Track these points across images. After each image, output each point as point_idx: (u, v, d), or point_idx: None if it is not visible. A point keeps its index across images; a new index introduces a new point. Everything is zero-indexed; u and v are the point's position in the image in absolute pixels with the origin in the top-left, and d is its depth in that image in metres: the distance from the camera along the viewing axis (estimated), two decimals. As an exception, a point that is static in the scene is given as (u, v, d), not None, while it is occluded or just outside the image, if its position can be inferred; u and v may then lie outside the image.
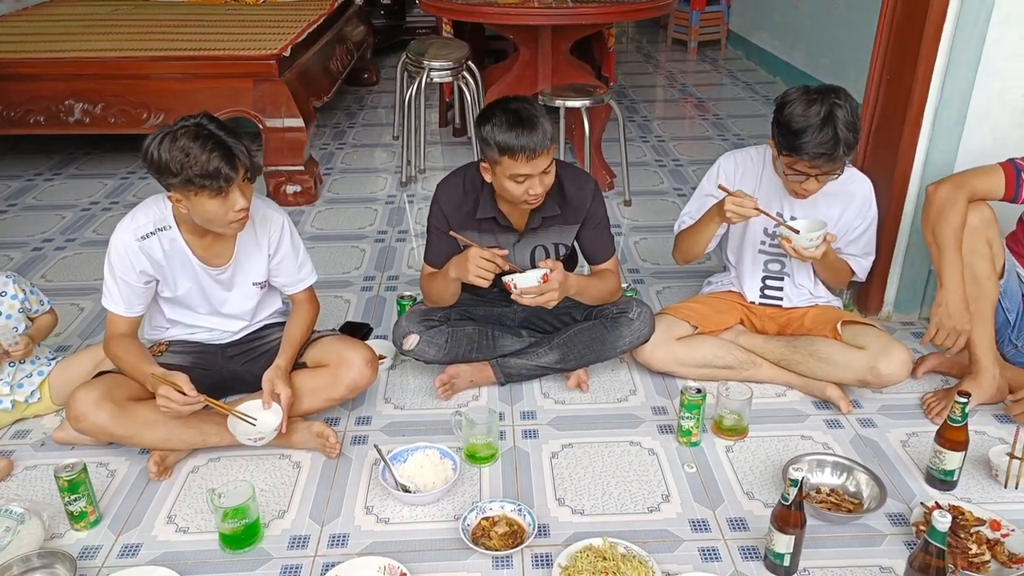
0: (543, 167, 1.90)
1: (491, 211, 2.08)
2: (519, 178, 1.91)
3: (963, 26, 2.16)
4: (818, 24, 5.10)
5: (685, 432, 2.03)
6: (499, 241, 2.13)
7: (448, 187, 2.14)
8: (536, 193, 1.94)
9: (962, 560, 1.62)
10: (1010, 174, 2.01)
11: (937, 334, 2.04)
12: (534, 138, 1.85)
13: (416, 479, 1.88)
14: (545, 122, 1.88)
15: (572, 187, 2.11)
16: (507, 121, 1.86)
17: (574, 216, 2.13)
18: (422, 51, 3.71)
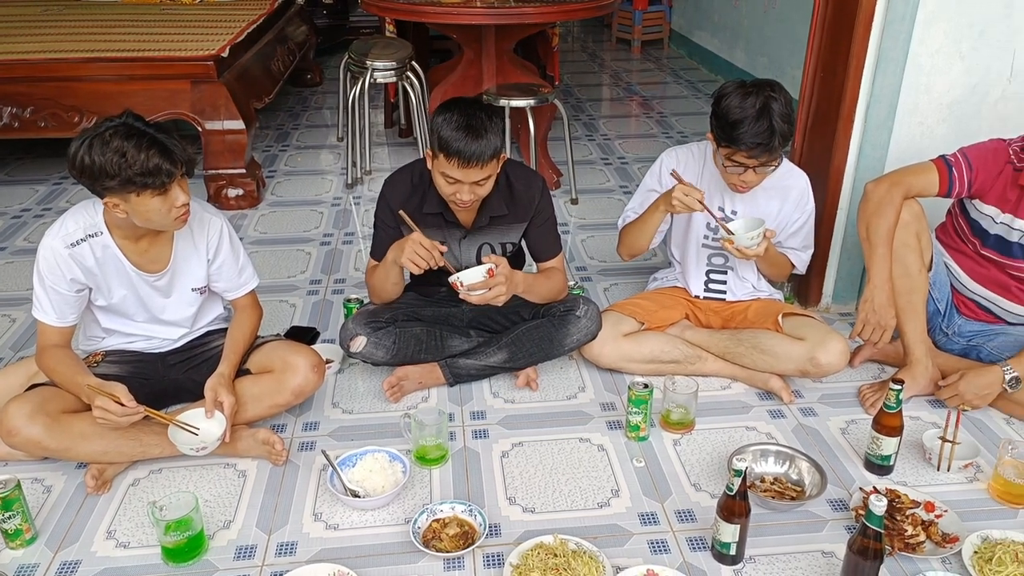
0: (475, 178, 1.90)
1: (438, 206, 2.07)
2: (449, 179, 1.92)
3: (890, 24, 2.23)
4: (756, 23, 5.21)
5: (633, 427, 2.05)
6: (446, 237, 2.13)
7: (396, 181, 2.13)
8: (464, 200, 1.94)
9: (899, 541, 1.68)
10: (943, 171, 2.06)
11: (864, 329, 2.11)
12: (473, 147, 1.84)
13: (365, 483, 1.86)
14: (493, 138, 1.88)
15: (520, 186, 2.12)
16: (457, 121, 1.86)
17: (522, 215, 2.14)
18: (364, 51, 3.68)
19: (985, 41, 2.24)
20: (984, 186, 2.03)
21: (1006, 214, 2.03)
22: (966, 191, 2.06)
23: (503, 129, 1.95)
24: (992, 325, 2.21)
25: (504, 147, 1.94)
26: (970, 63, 2.28)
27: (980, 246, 2.12)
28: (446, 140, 1.86)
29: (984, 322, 2.22)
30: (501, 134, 1.92)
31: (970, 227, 2.14)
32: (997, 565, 1.58)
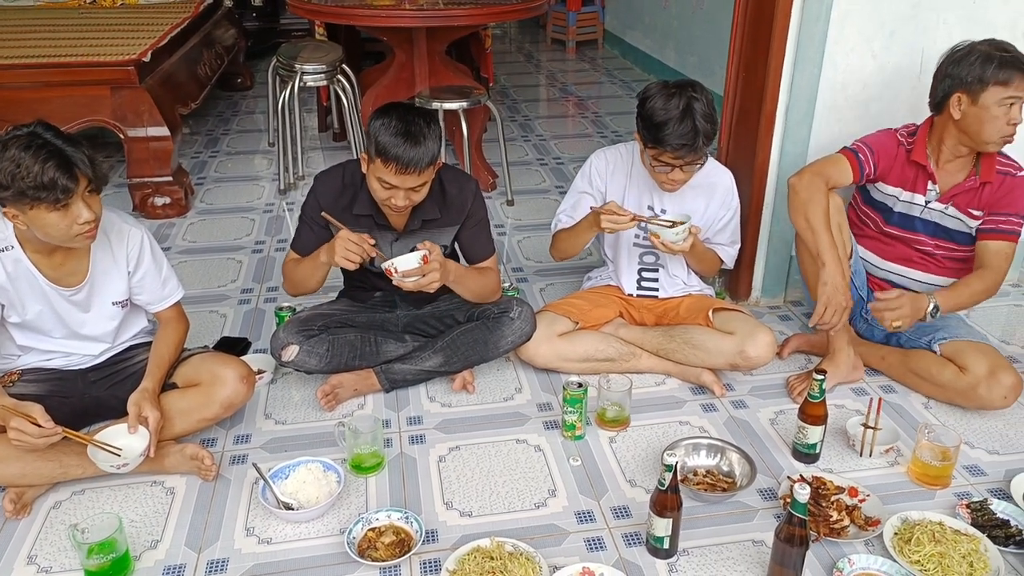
0: (412, 185, 1.90)
1: (368, 208, 2.05)
2: (385, 184, 1.90)
3: (806, 24, 2.30)
4: (685, 23, 5.31)
5: (569, 426, 2.07)
6: (377, 238, 2.11)
7: (327, 178, 2.10)
8: (398, 205, 1.93)
9: (824, 527, 1.73)
10: (853, 160, 2.18)
11: (825, 312, 2.09)
12: (411, 154, 1.83)
13: (299, 495, 1.83)
14: (432, 144, 1.87)
15: (453, 189, 2.11)
16: (396, 127, 1.84)
17: (454, 218, 2.13)
18: (293, 55, 3.61)
19: (895, 40, 2.33)
20: (885, 168, 2.19)
21: (907, 192, 2.18)
22: (873, 175, 2.19)
23: (440, 135, 1.94)
24: None
25: (441, 153, 1.93)
26: (882, 61, 2.36)
27: (884, 224, 2.25)
28: (384, 146, 1.84)
29: None
30: (439, 140, 1.91)
31: (873, 209, 2.27)
32: (915, 545, 1.65)
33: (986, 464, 1.98)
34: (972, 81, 1.99)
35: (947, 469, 1.87)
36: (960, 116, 2.03)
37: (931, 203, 2.17)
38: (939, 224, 2.18)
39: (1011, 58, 1.98)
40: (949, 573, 1.59)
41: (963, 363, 2.09)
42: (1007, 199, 2.09)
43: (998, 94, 1.97)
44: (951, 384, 2.11)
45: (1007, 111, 1.97)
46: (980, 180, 2.10)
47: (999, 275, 2.09)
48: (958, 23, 2.32)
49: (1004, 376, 2.04)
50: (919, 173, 2.17)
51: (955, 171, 2.15)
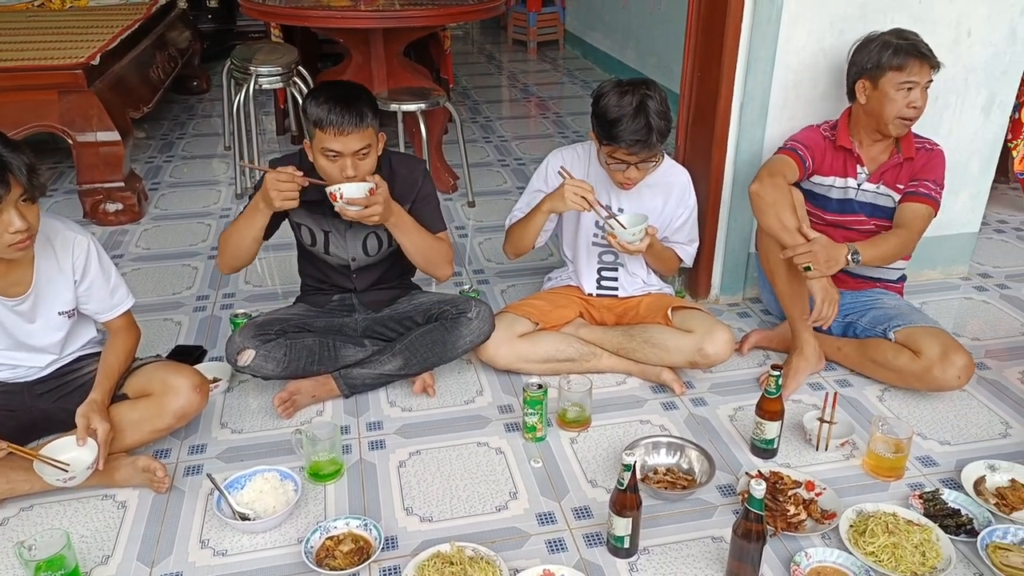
0: (355, 147, 1.91)
1: (321, 193, 2.03)
2: (330, 153, 1.92)
3: (758, 26, 2.32)
4: (644, 24, 5.35)
5: (530, 428, 2.06)
6: (331, 226, 2.14)
7: (282, 163, 2.09)
8: (349, 175, 1.93)
9: (782, 522, 1.75)
10: (796, 159, 2.26)
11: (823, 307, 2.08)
12: (346, 115, 1.87)
13: (255, 505, 1.80)
14: (366, 107, 1.91)
15: (403, 169, 2.15)
16: (326, 95, 1.90)
17: (406, 197, 2.14)
18: (248, 57, 3.56)
19: (844, 40, 2.36)
20: (819, 161, 2.30)
21: (841, 178, 2.30)
22: (811, 169, 2.29)
23: (373, 101, 1.97)
24: (860, 294, 2.36)
25: (376, 120, 1.95)
26: (832, 60, 2.40)
27: (825, 214, 2.33)
28: (318, 116, 1.89)
29: (853, 290, 2.37)
30: (373, 105, 1.95)
31: (813, 203, 2.34)
32: (870, 537, 1.67)
33: (938, 455, 2.02)
34: (872, 67, 2.15)
35: (900, 461, 1.90)
36: (865, 101, 2.20)
37: (862, 185, 2.28)
38: (874, 204, 2.29)
39: (907, 45, 2.11)
40: (902, 563, 1.62)
41: (917, 348, 2.13)
42: (927, 168, 2.24)
43: (895, 79, 2.11)
44: (907, 368, 2.15)
45: (905, 95, 2.12)
46: (903, 156, 2.24)
47: (914, 234, 2.21)
48: (905, 22, 2.36)
49: (956, 357, 2.08)
50: (847, 158, 2.28)
51: (879, 153, 2.28)
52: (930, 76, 2.13)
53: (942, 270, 2.88)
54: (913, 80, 2.11)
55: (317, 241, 2.17)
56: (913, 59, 2.10)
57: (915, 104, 2.13)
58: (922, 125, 2.53)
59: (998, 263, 3.02)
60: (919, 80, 2.11)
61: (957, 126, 2.62)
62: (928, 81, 2.13)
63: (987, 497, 1.83)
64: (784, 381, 2.23)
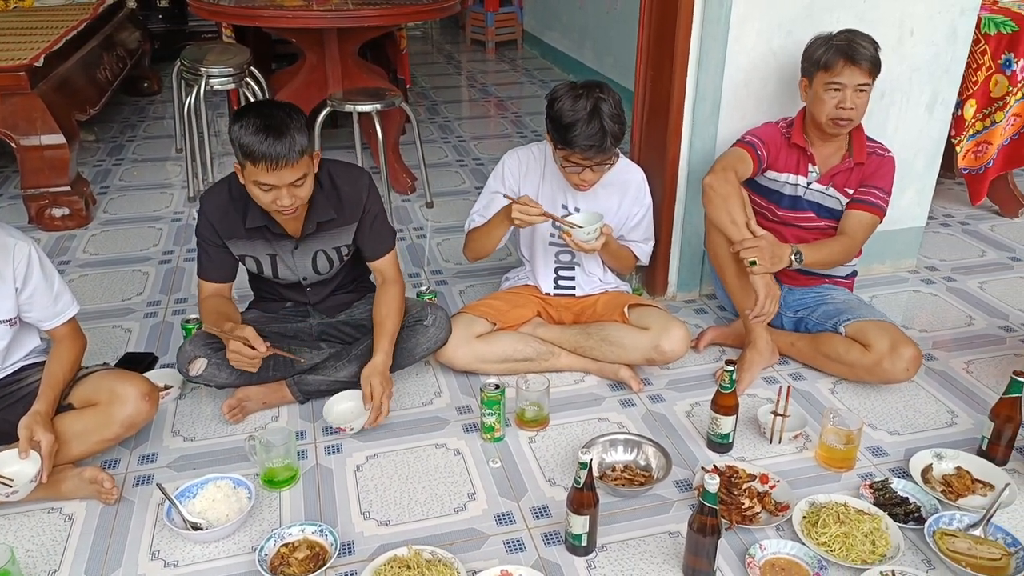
0: (290, 180, 1.82)
1: (261, 219, 1.99)
2: (263, 186, 1.84)
3: (708, 25, 2.35)
4: (601, 23, 5.38)
5: (488, 428, 2.06)
6: (276, 249, 2.06)
7: (213, 195, 2.03)
8: (285, 205, 1.86)
9: (736, 515, 1.77)
10: (751, 152, 2.28)
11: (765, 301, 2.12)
12: (277, 147, 1.76)
13: (208, 514, 1.76)
14: (298, 135, 1.80)
15: (346, 186, 2.06)
16: (255, 125, 1.77)
17: (350, 215, 2.09)
18: (198, 57, 3.49)
19: (792, 39, 2.40)
20: (774, 156, 2.32)
21: (793, 175, 2.32)
22: (765, 164, 2.31)
23: (306, 124, 1.87)
24: (810, 290, 2.40)
25: (314, 144, 1.87)
26: (781, 60, 2.43)
27: (777, 210, 2.36)
28: (248, 146, 1.78)
29: (804, 287, 2.41)
30: (305, 130, 1.84)
31: (765, 199, 2.38)
32: (822, 527, 1.70)
33: (888, 445, 2.06)
34: (809, 67, 2.21)
35: (851, 452, 1.93)
36: (805, 100, 2.26)
37: (812, 184, 2.31)
38: (821, 204, 2.32)
39: (840, 45, 2.14)
40: (853, 552, 1.65)
41: (867, 341, 2.18)
42: (876, 175, 2.26)
43: (823, 79, 2.16)
44: (858, 362, 2.19)
45: (833, 96, 2.15)
46: (854, 161, 2.26)
47: (856, 242, 2.26)
48: (850, 21, 2.41)
49: (905, 350, 2.13)
50: (800, 156, 2.31)
51: (831, 153, 2.30)
52: (862, 79, 2.12)
53: (891, 264, 2.95)
54: (839, 81, 2.12)
55: (264, 268, 2.11)
56: (840, 60, 2.11)
57: (844, 105, 2.14)
58: (869, 124, 2.59)
59: (944, 256, 3.10)
60: (846, 82, 2.12)
61: (903, 124, 2.68)
62: (860, 84, 2.12)
63: (934, 485, 1.87)
64: (738, 375, 2.26)
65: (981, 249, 3.17)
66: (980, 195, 3.20)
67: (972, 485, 1.86)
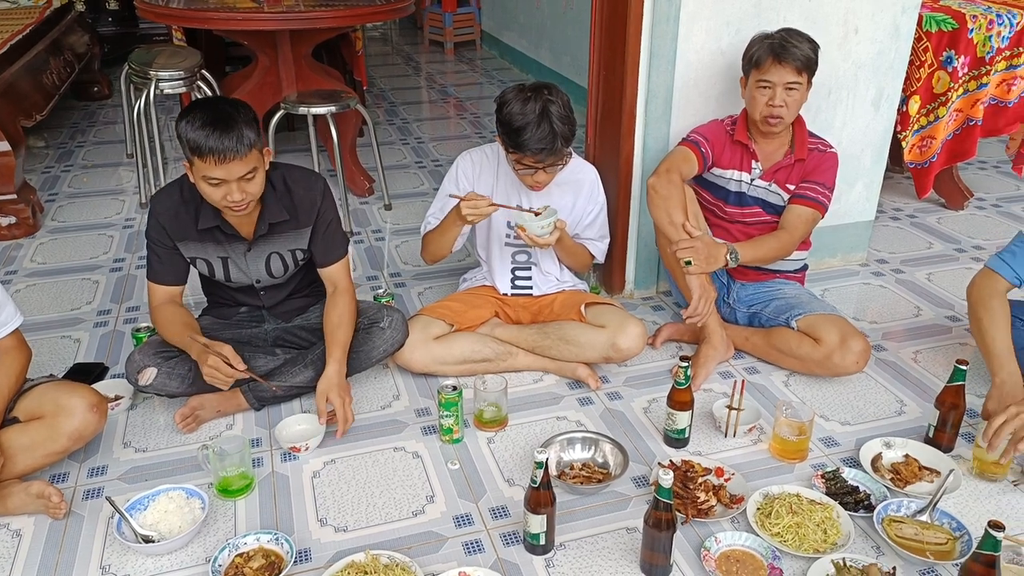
0: (239, 173, 1.81)
1: (213, 220, 1.97)
2: (212, 181, 1.81)
3: (658, 24, 2.37)
4: (557, 24, 5.40)
5: (446, 430, 2.05)
6: (228, 251, 2.04)
7: (164, 197, 2.00)
8: (235, 200, 1.84)
9: (692, 509, 1.79)
10: (696, 151, 2.31)
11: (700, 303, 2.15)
12: (225, 141, 1.75)
13: (160, 526, 1.73)
14: (245, 128, 1.79)
15: (301, 190, 2.05)
16: (201, 119, 1.76)
17: (305, 219, 2.07)
18: (147, 61, 3.43)
19: (741, 37, 2.43)
20: (719, 154, 2.35)
21: (737, 171, 2.35)
22: (711, 162, 2.34)
23: (254, 117, 1.85)
24: (761, 285, 2.44)
25: (260, 139, 1.84)
26: (729, 58, 2.47)
27: (725, 206, 2.39)
28: (195, 141, 1.76)
29: (756, 282, 2.45)
30: (254, 124, 1.83)
31: (713, 195, 2.41)
32: (775, 518, 1.73)
33: (839, 435, 2.10)
34: (744, 64, 2.25)
35: (803, 443, 1.97)
36: (744, 97, 2.29)
37: (755, 180, 2.34)
38: (766, 200, 2.35)
39: (771, 44, 2.17)
40: (805, 542, 1.68)
41: (817, 335, 2.22)
42: (817, 171, 2.30)
43: (755, 77, 2.20)
44: (809, 356, 2.23)
45: (764, 94, 2.19)
46: (795, 157, 2.30)
47: (794, 237, 2.28)
48: (796, 20, 2.46)
49: (854, 343, 2.18)
50: (743, 153, 2.34)
51: (774, 150, 2.33)
52: (791, 78, 2.14)
53: (842, 257, 3.01)
54: (768, 79, 2.16)
55: (216, 271, 2.09)
56: (769, 59, 2.14)
57: (773, 103, 2.17)
58: (818, 120, 2.65)
59: (894, 249, 3.17)
60: (775, 80, 2.15)
61: (850, 120, 2.74)
62: (789, 82, 2.15)
63: (883, 473, 1.91)
64: (694, 371, 2.29)
65: (928, 241, 3.25)
66: (926, 188, 3.28)
67: (919, 472, 1.91)
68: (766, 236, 2.29)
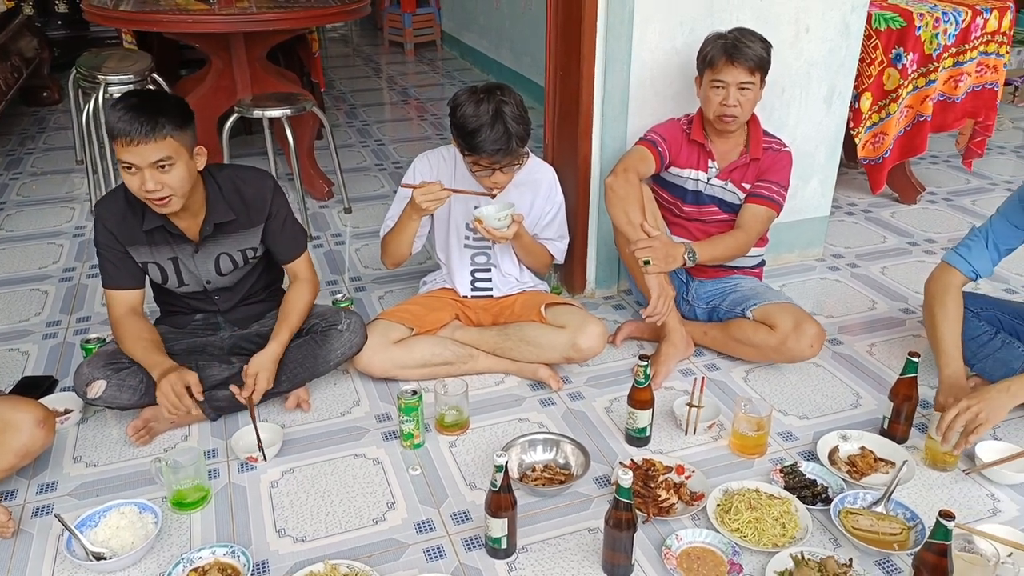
0: (151, 159, 1.76)
1: (158, 220, 1.93)
2: (126, 166, 1.79)
3: (612, 26, 2.38)
4: (517, 24, 5.40)
5: (407, 435, 2.03)
6: (177, 252, 2.00)
7: (108, 202, 1.97)
8: (149, 189, 1.79)
9: (653, 507, 1.79)
10: (653, 150, 2.32)
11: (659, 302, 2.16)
12: (135, 124, 1.73)
13: (111, 543, 1.69)
14: (162, 115, 1.76)
15: (250, 189, 2.03)
16: (123, 104, 1.76)
17: (255, 218, 2.05)
18: (96, 65, 3.35)
19: (695, 37, 2.44)
20: (675, 153, 2.36)
21: (694, 170, 2.36)
22: (668, 161, 2.35)
23: (183, 113, 1.82)
24: (720, 281, 2.46)
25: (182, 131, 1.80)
26: (684, 58, 2.48)
27: (683, 205, 2.41)
28: (109, 123, 1.76)
29: (714, 278, 2.46)
30: (178, 116, 1.80)
31: (671, 194, 2.42)
32: (735, 514, 1.74)
33: (797, 429, 2.12)
34: (698, 64, 2.27)
35: (762, 438, 1.99)
36: (699, 96, 2.30)
37: (711, 179, 2.36)
38: (722, 199, 2.37)
39: (724, 44, 2.19)
40: (764, 536, 1.70)
41: (772, 323, 2.25)
42: (772, 169, 2.32)
43: (709, 76, 2.22)
44: (765, 343, 2.26)
45: (717, 93, 2.21)
46: (750, 157, 2.32)
47: (751, 235, 2.30)
48: (749, 19, 2.48)
49: (807, 327, 2.21)
50: (700, 152, 2.35)
51: (729, 149, 2.35)
52: (744, 78, 2.16)
53: (799, 253, 3.05)
54: (722, 79, 2.18)
55: (168, 276, 2.05)
56: (722, 58, 2.16)
57: (727, 103, 2.19)
58: (772, 118, 2.67)
59: (849, 244, 3.22)
60: (729, 80, 2.17)
61: (803, 117, 2.77)
62: (742, 82, 2.17)
63: (840, 466, 1.94)
64: (655, 369, 2.30)
65: (883, 235, 3.30)
66: (880, 184, 3.34)
67: (875, 464, 1.94)
68: (723, 235, 2.31)
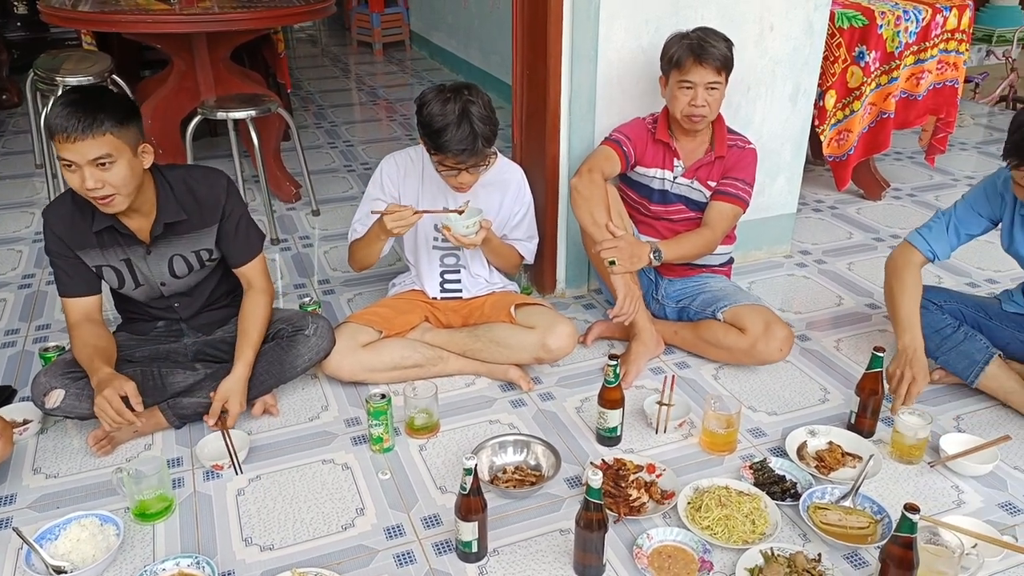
0: (91, 156, 1.72)
1: (107, 220, 1.89)
2: (66, 163, 1.75)
3: (578, 25, 2.38)
4: (485, 23, 5.39)
5: (376, 439, 2.01)
6: (128, 254, 1.96)
7: (56, 206, 1.93)
8: (88, 187, 1.75)
9: (624, 507, 1.79)
10: (618, 150, 2.33)
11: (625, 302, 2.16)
12: (73, 120, 1.68)
13: (72, 556, 1.65)
14: (103, 112, 1.71)
15: (203, 188, 1.99)
16: (63, 102, 1.72)
17: (208, 218, 2.01)
18: (54, 66, 3.27)
19: (661, 36, 2.43)
20: (641, 152, 2.36)
21: (660, 169, 2.37)
22: (633, 160, 2.35)
23: (124, 108, 1.78)
24: (689, 280, 2.46)
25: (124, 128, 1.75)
26: (650, 56, 2.48)
27: (650, 204, 2.41)
28: (50, 122, 1.72)
29: (683, 277, 2.47)
30: (120, 112, 1.75)
31: (638, 193, 2.43)
32: (705, 511, 1.74)
33: (766, 425, 2.14)
34: (664, 64, 2.26)
35: (732, 435, 1.99)
36: (664, 96, 2.31)
37: (677, 178, 2.36)
38: (688, 197, 2.38)
39: (689, 44, 2.20)
40: (734, 533, 1.70)
41: (742, 325, 2.26)
42: (737, 167, 2.33)
43: (676, 77, 2.22)
44: (735, 345, 2.27)
45: (686, 93, 2.22)
46: (715, 155, 2.33)
47: (717, 233, 2.31)
48: (713, 17, 2.49)
49: (777, 330, 2.22)
50: (665, 151, 2.36)
51: (694, 148, 2.35)
52: (712, 78, 2.17)
53: (767, 250, 3.07)
54: (689, 80, 2.19)
55: (125, 280, 2.01)
56: (689, 59, 2.17)
57: (695, 103, 2.20)
58: (738, 116, 2.69)
59: (816, 240, 3.25)
60: (696, 80, 2.18)
61: (769, 115, 2.79)
62: (710, 82, 2.18)
63: (808, 461, 1.95)
64: (625, 368, 2.30)
65: (849, 231, 3.34)
66: (845, 180, 3.37)
67: (843, 458, 1.95)
68: (689, 233, 2.32)
